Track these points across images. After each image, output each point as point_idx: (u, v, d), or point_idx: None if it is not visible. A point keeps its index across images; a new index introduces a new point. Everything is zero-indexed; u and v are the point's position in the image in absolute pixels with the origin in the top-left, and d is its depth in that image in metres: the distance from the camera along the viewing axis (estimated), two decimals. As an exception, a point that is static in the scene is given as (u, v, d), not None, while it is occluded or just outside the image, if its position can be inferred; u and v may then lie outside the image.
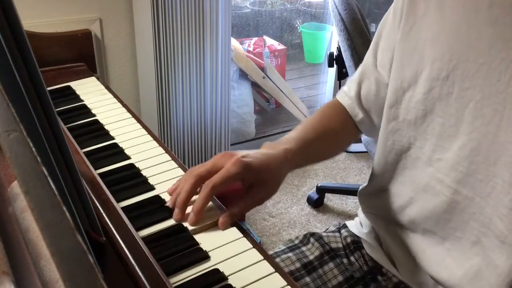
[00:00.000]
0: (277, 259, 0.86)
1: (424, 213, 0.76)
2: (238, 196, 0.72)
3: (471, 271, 0.70)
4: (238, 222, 0.70)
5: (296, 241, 0.92)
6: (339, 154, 0.94)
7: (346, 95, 0.89)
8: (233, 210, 0.69)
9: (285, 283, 0.60)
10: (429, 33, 0.72)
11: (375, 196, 0.86)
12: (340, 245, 0.91)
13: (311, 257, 0.88)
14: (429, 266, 0.77)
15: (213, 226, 0.68)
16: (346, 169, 2.31)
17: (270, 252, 0.88)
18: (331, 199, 2.12)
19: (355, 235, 0.93)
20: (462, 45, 0.67)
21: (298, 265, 0.86)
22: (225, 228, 0.68)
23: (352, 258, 0.90)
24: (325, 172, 2.29)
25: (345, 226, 0.96)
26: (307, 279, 0.84)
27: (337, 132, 0.88)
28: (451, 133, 0.70)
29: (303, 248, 0.90)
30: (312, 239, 0.92)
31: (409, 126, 0.76)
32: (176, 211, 0.69)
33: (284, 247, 0.91)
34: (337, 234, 0.94)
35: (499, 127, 0.64)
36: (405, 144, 0.78)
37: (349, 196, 2.12)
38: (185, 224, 0.68)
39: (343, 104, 0.89)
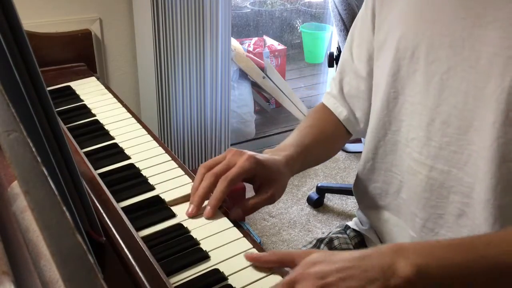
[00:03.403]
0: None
1: (410, 194, 0.76)
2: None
3: None
4: (238, 222, 0.70)
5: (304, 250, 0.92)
6: (334, 156, 0.94)
7: (330, 96, 0.90)
8: (246, 203, 0.70)
9: (285, 283, 0.60)
10: (396, 17, 0.74)
11: (368, 189, 0.86)
12: (351, 246, 0.91)
13: None
14: None
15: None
16: (346, 169, 2.31)
17: None
18: (331, 199, 2.12)
19: (359, 233, 0.93)
20: (426, 21, 0.69)
21: None
22: (236, 218, 0.70)
23: None
24: (325, 172, 2.29)
25: (348, 227, 0.95)
26: None
27: (331, 135, 0.89)
28: (418, 110, 0.71)
29: None
30: (321, 246, 0.90)
31: (383, 111, 0.77)
32: (192, 207, 0.70)
33: None
34: (345, 235, 0.93)
35: (467, 94, 0.65)
36: (381, 131, 0.79)
37: (349, 196, 2.12)
38: (184, 224, 0.68)
39: (327, 106, 0.90)
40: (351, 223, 0.96)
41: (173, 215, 0.70)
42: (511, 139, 0.62)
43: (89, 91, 1.07)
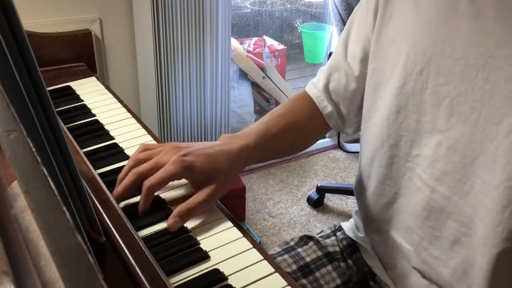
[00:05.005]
0: None
1: (408, 209, 0.74)
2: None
3: (458, 270, 0.68)
4: (238, 222, 0.70)
5: (292, 243, 0.91)
6: (306, 149, 0.91)
7: (315, 87, 0.86)
8: (181, 208, 0.66)
9: (286, 283, 0.60)
10: (405, 25, 0.70)
11: (363, 197, 0.84)
12: (337, 248, 0.90)
13: (308, 259, 0.86)
14: (419, 267, 0.75)
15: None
16: (346, 169, 2.31)
17: None
18: (331, 199, 2.12)
19: (351, 238, 0.91)
20: (438, 38, 0.65)
21: (294, 267, 0.84)
22: (174, 228, 0.66)
23: (349, 262, 0.88)
24: (325, 172, 2.29)
25: (340, 228, 0.94)
26: (304, 281, 0.83)
27: (303, 127, 0.85)
28: (427, 129, 0.68)
29: (299, 250, 0.88)
30: (310, 243, 0.90)
31: (382, 122, 0.74)
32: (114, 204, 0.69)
33: (280, 249, 0.89)
34: (333, 237, 0.92)
35: (476, 126, 0.62)
36: (377, 142, 0.76)
37: (349, 196, 2.12)
38: (184, 223, 0.68)
39: (311, 96, 0.86)
40: (346, 226, 0.94)
41: (173, 215, 0.70)
42: None
43: (89, 91, 1.07)
